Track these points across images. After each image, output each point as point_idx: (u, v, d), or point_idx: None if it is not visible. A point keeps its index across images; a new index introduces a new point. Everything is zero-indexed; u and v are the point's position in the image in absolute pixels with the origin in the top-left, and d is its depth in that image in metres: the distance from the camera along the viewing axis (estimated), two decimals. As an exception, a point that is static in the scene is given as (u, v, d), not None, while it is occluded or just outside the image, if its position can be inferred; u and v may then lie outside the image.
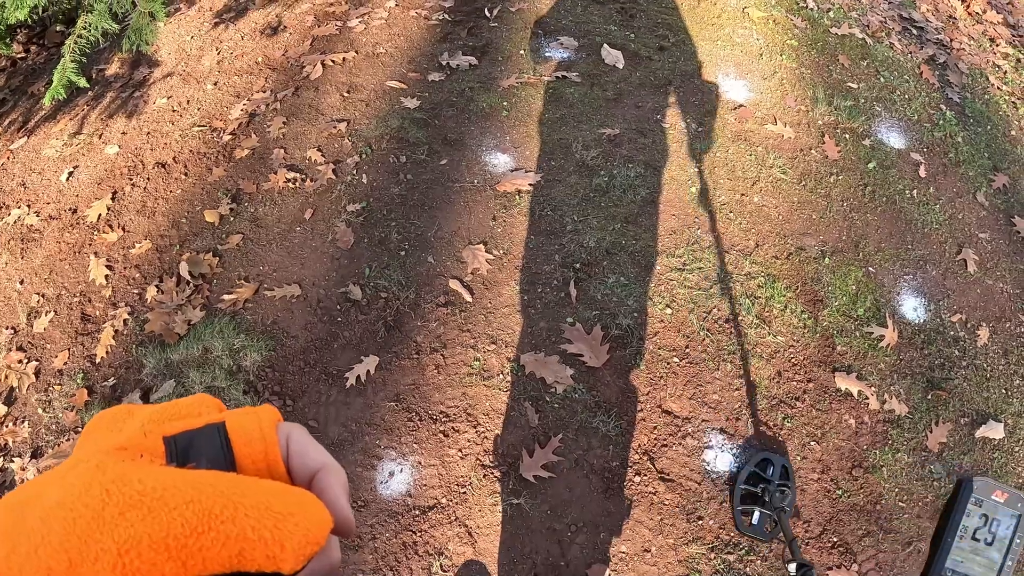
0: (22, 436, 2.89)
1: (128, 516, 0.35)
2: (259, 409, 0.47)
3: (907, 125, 3.96)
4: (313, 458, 0.46)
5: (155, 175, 3.61)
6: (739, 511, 2.51)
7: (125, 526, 0.35)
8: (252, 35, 4.39)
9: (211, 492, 0.37)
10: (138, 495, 0.36)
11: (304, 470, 0.46)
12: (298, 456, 0.46)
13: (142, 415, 0.45)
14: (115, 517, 0.35)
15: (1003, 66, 4.69)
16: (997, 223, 3.63)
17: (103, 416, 0.46)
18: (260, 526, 0.37)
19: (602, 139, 3.57)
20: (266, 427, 0.45)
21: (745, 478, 2.55)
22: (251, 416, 0.45)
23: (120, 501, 0.35)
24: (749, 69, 4.05)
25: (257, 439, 0.44)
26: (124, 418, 0.46)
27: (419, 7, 4.38)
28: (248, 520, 0.37)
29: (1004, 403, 2.99)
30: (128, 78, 4.34)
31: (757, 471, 2.56)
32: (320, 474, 0.46)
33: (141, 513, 0.35)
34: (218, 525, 0.36)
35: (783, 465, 2.57)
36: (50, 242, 3.46)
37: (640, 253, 3.13)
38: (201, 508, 0.36)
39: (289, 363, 2.87)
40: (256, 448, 0.44)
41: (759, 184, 3.45)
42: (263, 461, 0.44)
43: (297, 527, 0.38)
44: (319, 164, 3.49)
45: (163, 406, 0.46)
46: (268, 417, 0.46)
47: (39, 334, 3.15)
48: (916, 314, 3.16)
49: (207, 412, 0.47)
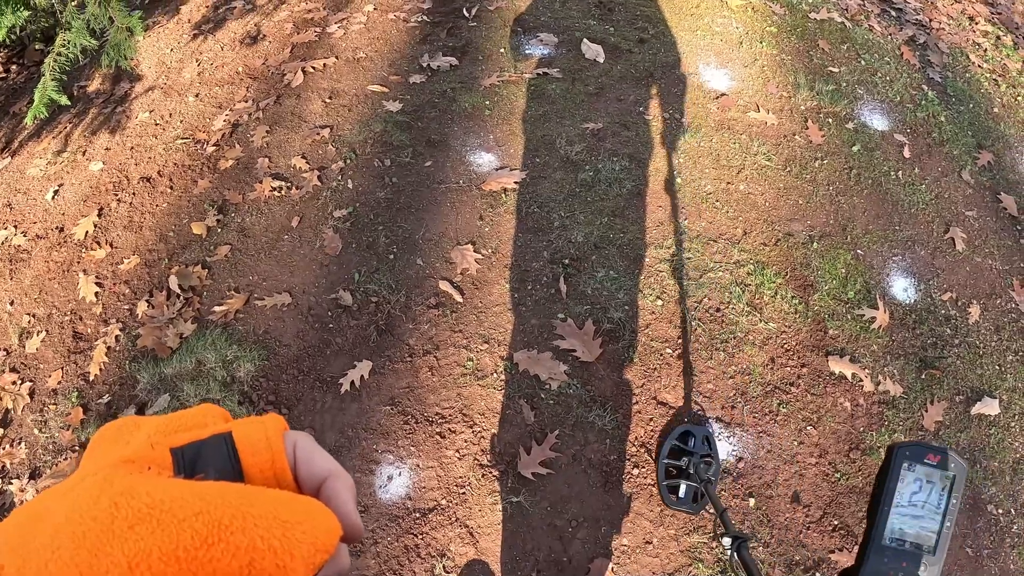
0: (19, 457, 2.88)
1: (137, 529, 0.35)
2: (265, 418, 0.47)
3: (890, 107, 3.97)
4: (320, 465, 0.47)
5: (140, 190, 3.60)
6: (664, 486, 2.51)
7: (135, 539, 0.35)
8: (231, 45, 4.38)
9: (220, 503, 0.37)
10: (147, 508, 0.36)
11: (311, 478, 0.46)
12: (305, 464, 0.46)
13: (148, 427, 0.45)
14: (124, 531, 0.35)
15: (983, 44, 4.70)
16: (983, 200, 3.64)
17: (109, 428, 0.46)
18: (269, 536, 0.37)
19: (586, 134, 3.58)
20: (272, 436, 0.45)
21: (667, 452, 2.55)
22: (257, 425, 0.46)
23: (129, 514, 0.35)
24: (730, 58, 4.06)
25: (264, 448, 0.45)
26: (130, 430, 0.46)
27: (397, 10, 4.37)
28: (257, 530, 0.37)
29: (998, 379, 3.00)
30: (109, 94, 4.33)
31: (679, 444, 2.56)
32: (327, 481, 0.46)
33: (150, 526, 0.35)
34: (228, 536, 0.36)
35: (704, 436, 2.58)
36: (38, 262, 3.45)
37: (628, 246, 3.14)
38: (210, 519, 0.36)
39: (283, 372, 2.86)
40: (263, 457, 0.44)
41: (744, 172, 3.46)
42: (270, 470, 0.44)
43: (306, 535, 0.38)
44: (304, 171, 3.48)
45: (169, 417, 0.47)
46: (274, 426, 0.46)
47: (31, 354, 3.14)
48: (906, 294, 3.17)
49: (213, 422, 0.47)
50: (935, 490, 0.96)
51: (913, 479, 0.96)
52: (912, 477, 0.96)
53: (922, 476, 0.96)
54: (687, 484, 2.47)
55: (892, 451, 0.97)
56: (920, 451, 0.96)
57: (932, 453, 0.96)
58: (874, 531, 0.96)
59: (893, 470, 0.96)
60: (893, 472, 0.96)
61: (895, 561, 0.96)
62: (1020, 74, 4.52)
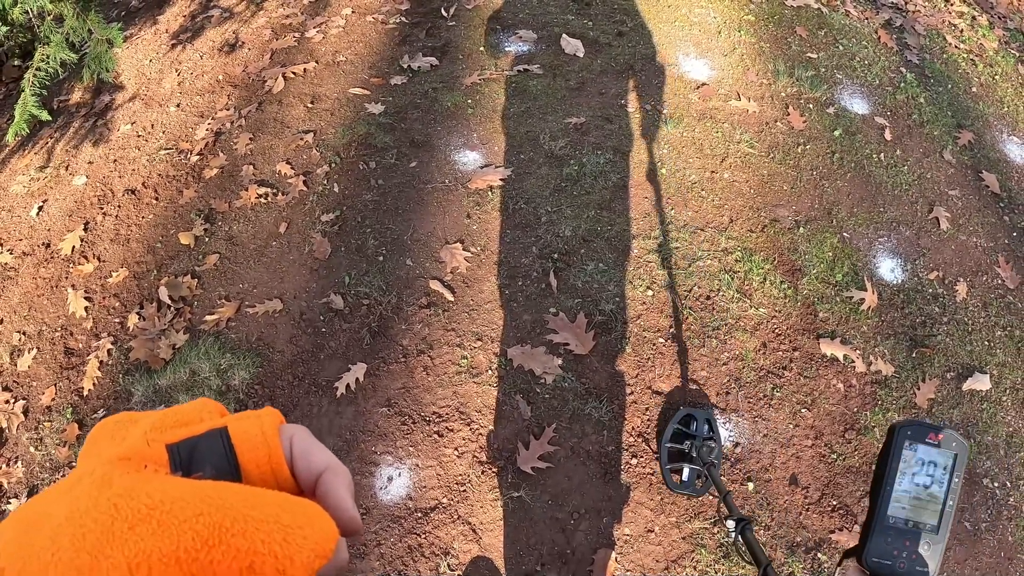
0: (17, 476, 2.87)
1: (138, 531, 0.35)
2: (261, 412, 0.46)
3: (869, 90, 4.00)
4: (317, 460, 0.46)
5: (126, 202, 3.59)
6: (667, 470, 2.52)
7: (135, 541, 0.34)
8: (211, 54, 4.37)
9: (221, 505, 0.37)
10: (147, 509, 0.36)
11: (308, 472, 0.46)
12: (302, 458, 0.46)
13: (145, 422, 0.45)
14: (125, 532, 0.35)
15: (959, 25, 4.74)
16: (966, 179, 3.67)
17: (106, 424, 0.46)
18: (270, 540, 0.37)
19: (569, 129, 3.59)
20: (268, 431, 0.45)
21: (670, 436, 2.56)
22: (253, 420, 0.45)
23: (129, 515, 0.35)
24: (708, 47, 4.08)
25: (260, 444, 0.44)
26: (127, 425, 0.45)
27: (375, 12, 4.37)
28: (258, 534, 0.37)
29: (988, 355, 3.03)
30: (90, 107, 4.31)
31: (681, 428, 2.58)
32: (325, 475, 0.46)
33: (151, 527, 0.35)
34: (228, 539, 0.36)
35: (707, 419, 2.58)
36: (26, 279, 3.43)
37: (616, 238, 3.15)
38: (211, 521, 0.36)
39: (277, 378, 2.86)
40: (260, 453, 0.44)
41: (728, 160, 3.48)
42: (267, 465, 0.44)
43: (306, 540, 0.38)
44: (289, 177, 3.48)
45: (165, 412, 0.46)
46: (270, 420, 0.46)
47: (24, 372, 3.12)
48: (894, 275, 3.19)
49: (209, 417, 0.47)
50: (937, 469, 0.97)
51: (915, 459, 0.97)
52: (914, 457, 0.97)
53: (923, 456, 0.97)
54: (690, 467, 2.48)
55: (893, 431, 0.98)
56: (921, 430, 0.96)
57: (933, 432, 0.96)
58: (877, 511, 0.97)
59: (895, 450, 0.97)
60: (895, 452, 0.97)
61: (898, 540, 0.96)
62: (997, 53, 4.56)
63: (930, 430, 0.96)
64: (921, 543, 0.96)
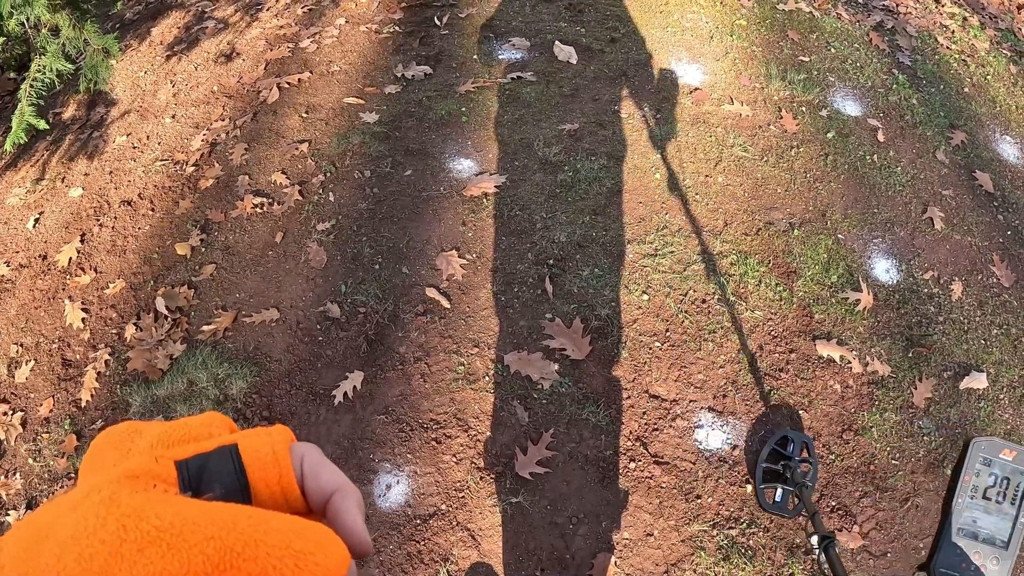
0: (15, 488, 2.87)
1: (147, 553, 0.34)
2: (272, 430, 0.46)
3: (861, 92, 4.01)
4: (327, 480, 0.46)
5: (122, 213, 3.60)
6: (762, 489, 2.52)
7: (144, 563, 0.34)
8: (205, 64, 4.38)
9: (232, 528, 0.36)
10: (156, 531, 0.35)
11: (319, 493, 0.45)
12: (312, 478, 0.45)
13: (150, 434, 0.44)
14: (133, 554, 0.34)
15: (950, 26, 4.76)
16: (959, 179, 3.68)
17: (109, 435, 0.45)
18: (282, 565, 0.36)
19: (563, 135, 3.60)
20: (279, 449, 0.44)
21: (766, 456, 2.57)
22: (264, 438, 0.45)
23: (138, 537, 0.34)
24: (701, 52, 4.09)
25: (271, 463, 0.44)
26: (131, 437, 0.45)
27: (369, 21, 4.39)
28: (270, 559, 0.36)
29: (984, 353, 3.04)
30: (85, 119, 4.32)
31: (777, 448, 2.58)
32: (335, 496, 0.45)
33: (160, 550, 0.34)
34: (240, 563, 0.35)
35: (803, 442, 2.59)
36: (23, 291, 3.44)
37: (611, 243, 3.16)
38: (222, 545, 0.35)
39: (275, 387, 2.86)
40: (270, 472, 0.43)
41: (722, 164, 3.49)
42: (277, 485, 0.43)
43: (318, 567, 0.37)
44: (285, 187, 3.48)
45: (172, 425, 0.45)
46: (281, 439, 0.45)
47: (21, 384, 3.13)
48: (889, 275, 3.20)
49: (218, 432, 0.46)
50: (1010, 485, 0.96)
51: (988, 473, 0.96)
52: (987, 472, 0.96)
53: (997, 471, 0.96)
54: (783, 488, 2.48)
55: (968, 445, 0.98)
56: (995, 446, 0.96)
57: (1008, 449, 0.96)
58: (947, 523, 0.96)
59: (968, 463, 0.97)
60: (968, 466, 0.97)
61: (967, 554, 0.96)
62: (988, 53, 4.57)
63: (1004, 446, 0.96)
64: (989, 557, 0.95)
